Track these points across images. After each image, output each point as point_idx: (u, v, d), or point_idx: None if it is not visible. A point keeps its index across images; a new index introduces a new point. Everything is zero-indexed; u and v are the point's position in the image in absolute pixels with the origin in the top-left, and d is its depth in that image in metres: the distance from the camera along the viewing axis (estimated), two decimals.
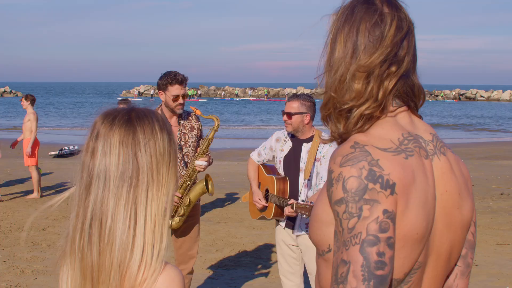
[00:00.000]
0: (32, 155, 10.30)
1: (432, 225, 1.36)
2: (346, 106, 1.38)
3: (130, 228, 1.33)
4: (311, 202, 4.18)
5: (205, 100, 71.11)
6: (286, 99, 4.59)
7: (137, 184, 1.35)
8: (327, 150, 4.31)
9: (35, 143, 10.42)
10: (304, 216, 4.19)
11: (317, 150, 4.32)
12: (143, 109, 1.45)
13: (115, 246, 1.32)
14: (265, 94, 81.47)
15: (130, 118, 1.40)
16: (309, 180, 4.33)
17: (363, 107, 1.37)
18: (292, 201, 4.21)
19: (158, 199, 1.36)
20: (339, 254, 1.27)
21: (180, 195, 4.48)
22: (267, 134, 17.80)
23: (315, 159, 4.32)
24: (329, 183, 1.31)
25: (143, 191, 1.35)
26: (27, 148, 10.29)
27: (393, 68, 1.38)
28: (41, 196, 10.36)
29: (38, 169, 10.36)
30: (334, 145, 4.31)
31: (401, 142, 1.35)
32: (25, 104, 10.35)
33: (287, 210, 4.24)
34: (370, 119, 1.38)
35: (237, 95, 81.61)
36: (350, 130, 1.39)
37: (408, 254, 1.32)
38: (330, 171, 1.32)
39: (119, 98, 9.19)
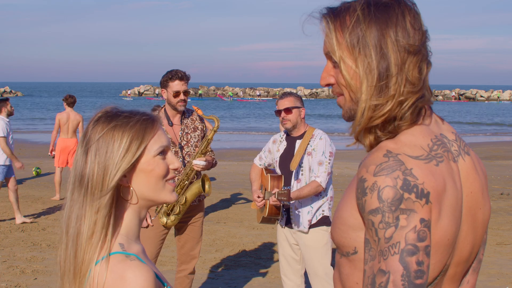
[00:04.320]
0: (56, 155, 10.22)
1: (459, 228, 1.37)
2: (405, 100, 1.34)
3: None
4: (288, 187, 4.21)
5: (188, 100, 67.68)
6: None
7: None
8: (317, 144, 4.34)
9: (58, 144, 10.22)
10: (285, 202, 4.21)
11: (308, 143, 4.35)
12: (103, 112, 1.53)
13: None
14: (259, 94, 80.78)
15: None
16: (297, 172, 4.36)
17: (420, 94, 1.35)
18: (275, 190, 4.23)
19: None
20: (376, 263, 1.26)
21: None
22: None
23: (305, 152, 4.34)
24: (362, 192, 1.29)
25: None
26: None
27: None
28: (60, 199, 10.05)
29: (52, 169, 10.10)
30: (324, 139, 4.35)
31: (431, 148, 1.34)
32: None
33: (271, 200, 4.26)
34: (418, 114, 1.37)
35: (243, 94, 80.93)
36: (399, 127, 1.35)
37: (439, 259, 1.33)
38: (362, 180, 1.30)
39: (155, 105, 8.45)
